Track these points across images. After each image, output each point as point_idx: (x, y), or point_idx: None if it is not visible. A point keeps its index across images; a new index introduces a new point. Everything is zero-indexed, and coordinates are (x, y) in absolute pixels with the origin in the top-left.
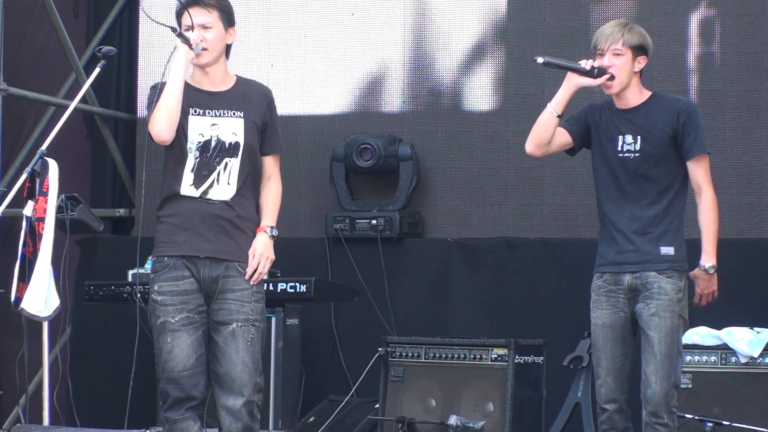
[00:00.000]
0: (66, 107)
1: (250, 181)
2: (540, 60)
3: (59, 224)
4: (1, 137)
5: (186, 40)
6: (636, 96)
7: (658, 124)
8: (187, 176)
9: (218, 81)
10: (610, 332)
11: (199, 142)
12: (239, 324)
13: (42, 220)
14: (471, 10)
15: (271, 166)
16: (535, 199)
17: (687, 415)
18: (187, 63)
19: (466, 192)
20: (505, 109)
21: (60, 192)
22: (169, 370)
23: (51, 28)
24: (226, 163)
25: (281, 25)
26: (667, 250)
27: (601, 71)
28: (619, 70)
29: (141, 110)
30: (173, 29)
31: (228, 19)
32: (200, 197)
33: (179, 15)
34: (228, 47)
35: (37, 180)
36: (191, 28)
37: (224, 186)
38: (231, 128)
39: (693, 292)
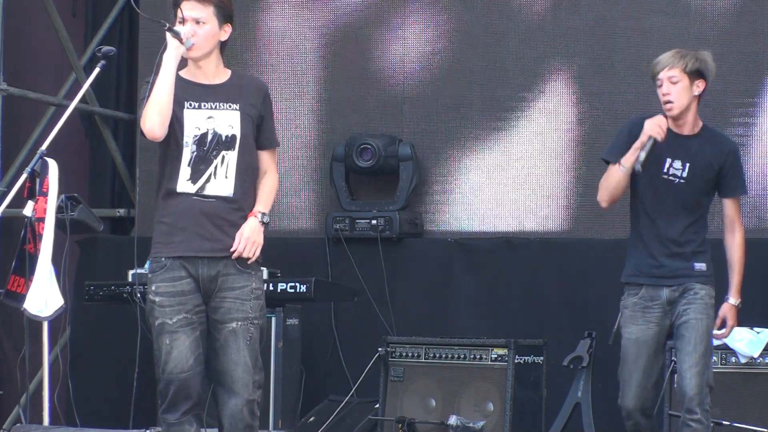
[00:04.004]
0: (66, 107)
1: (249, 174)
2: (639, 168)
3: (59, 224)
4: (1, 137)
5: (176, 35)
6: (692, 124)
7: (708, 158)
8: (184, 171)
9: (211, 74)
10: (644, 347)
11: (195, 136)
12: (239, 323)
13: (42, 220)
14: (471, 10)
15: (267, 160)
16: (536, 199)
17: None
18: (178, 58)
19: (466, 192)
20: (505, 109)
21: (60, 192)
22: (168, 372)
23: (50, 28)
24: (223, 157)
25: (282, 24)
26: (701, 266)
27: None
28: (677, 96)
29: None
30: (163, 24)
31: (224, 15)
32: (197, 193)
33: (175, 6)
34: (223, 43)
35: (37, 180)
36: (183, 21)
37: (222, 180)
38: (227, 121)
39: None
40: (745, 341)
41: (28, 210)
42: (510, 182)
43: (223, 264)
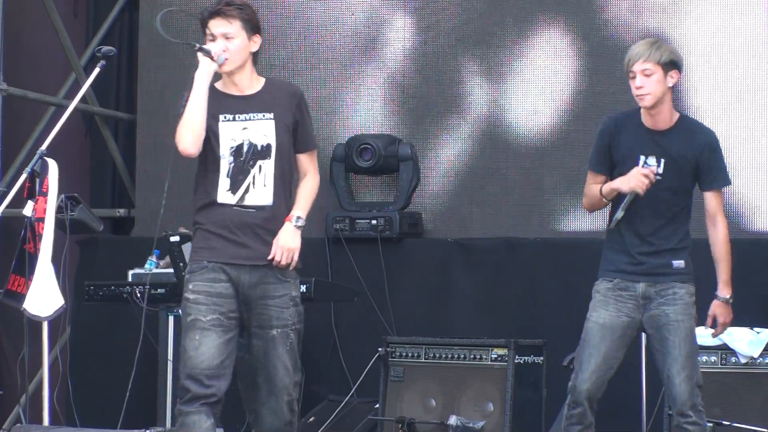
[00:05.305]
0: (66, 107)
1: (288, 180)
2: (614, 226)
3: (59, 224)
4: (1, 137)
5: (207, 53)
6: (667, 117)
7: (683, 153)
8: (223, 182)
9: (245, 86)
10: (609, 333)
11: (232, 147)
12: (279, 330)
13: (42, 220)
14: (471, 9)
15: (306, 163)
16: (535, 199)
17: None
18: (210, 76)
19: (466, 192)
20: (505, 109)
21: (60, 192)
22: (191, 366)
23: (50, 28)
24: (260, 166)
25: (282, 25)
26: (679, 264)
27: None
28: (652, 88)
29: (141, 110)
30: (192, 45)
31: (251, 28)
32: (237, 203)
33: (203, 25)
34: (255, 54)
35: (37, 180)
36: (214, 38)
37: (260, 189)
38: (262, 130)
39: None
40: (745, 341)
41: (27, 210)
42: (510, 182)
43: (263, 272)
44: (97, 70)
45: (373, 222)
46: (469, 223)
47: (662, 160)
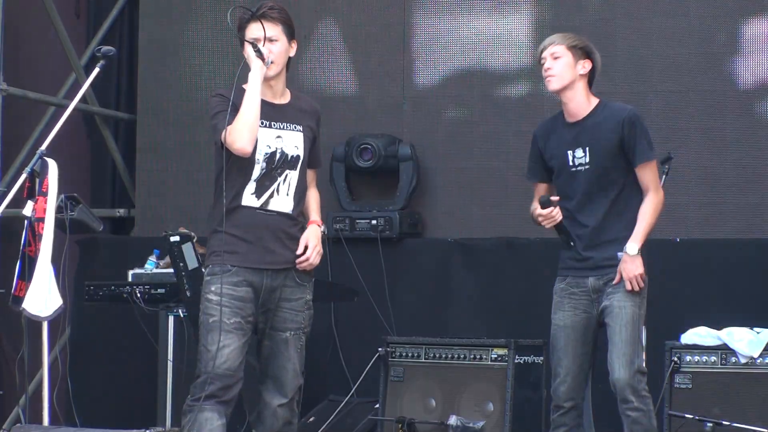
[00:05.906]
0: (66, 107)
1: (305, 192)
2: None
3: (59, 224)
4: (1, 137)
5: (261, 55)
6: (583, 104)
7: (604, 134)
8: (250, 185)
9: (279, 93)
10: (571, 333)
11: (267, 153)
12: (292, 332)
13: (41, 220)
14: (470, 10)
15: (311, 177)
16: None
17: (687, 415)
18: (262, 77)
19: (466, 192)
20: (505, 109)
21: (60, 192)
22: (216, 366)
23: (51, 28)
24: (287, 175)
25: None
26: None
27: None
28: (559, 70)
29: (141, 110)
30: (253, 45)
31: (290, 32)
32: (260, 207)
33: (242, 28)
34: (289, 60)
35: (37, 180)
36: (261, 41)
37: (283, 197)
38: (293, 141)
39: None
40: (745, 341)
41: (27, 210)
42: (510, 182)
43: (284, 276)
44: (96, 70)
45: (373, 222)
46: (469, 223)
47: (587, 148)
